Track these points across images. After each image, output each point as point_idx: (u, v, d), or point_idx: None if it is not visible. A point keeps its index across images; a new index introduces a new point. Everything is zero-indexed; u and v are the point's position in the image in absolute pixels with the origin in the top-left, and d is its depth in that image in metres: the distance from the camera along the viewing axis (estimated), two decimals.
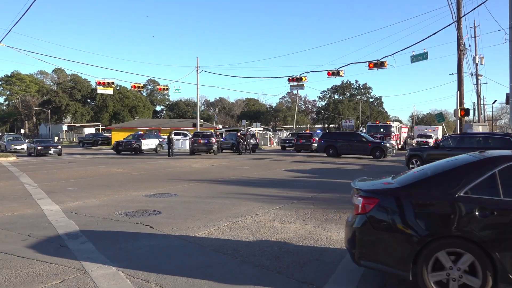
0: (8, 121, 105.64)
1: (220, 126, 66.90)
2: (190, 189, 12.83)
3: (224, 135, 44.16)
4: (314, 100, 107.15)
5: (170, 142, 31.46)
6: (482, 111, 49.08)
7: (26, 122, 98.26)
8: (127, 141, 35.64)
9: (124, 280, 4.90)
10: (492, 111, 61.65)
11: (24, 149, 38.51)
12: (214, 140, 32.47)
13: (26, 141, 43.30)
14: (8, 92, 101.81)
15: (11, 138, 42.35)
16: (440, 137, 46.11)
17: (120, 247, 6.30)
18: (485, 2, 18.07)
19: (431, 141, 40.47)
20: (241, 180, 15.03)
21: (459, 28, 22.64)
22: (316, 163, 23.22)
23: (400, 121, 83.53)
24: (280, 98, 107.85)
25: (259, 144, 45.00)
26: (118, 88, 79.70)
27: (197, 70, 41.23)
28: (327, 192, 11.89)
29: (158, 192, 12.07)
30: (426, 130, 50.21)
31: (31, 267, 5.36)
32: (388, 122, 42.71)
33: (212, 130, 39.44)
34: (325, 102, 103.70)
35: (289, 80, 32.35)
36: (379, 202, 4.34)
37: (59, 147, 34.16)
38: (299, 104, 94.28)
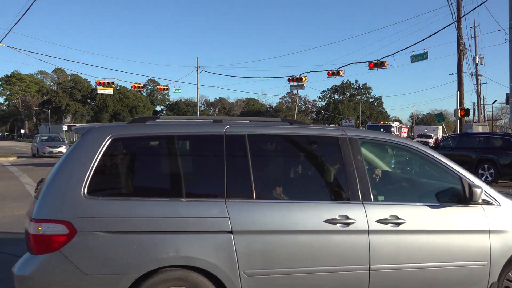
0: (8, 121, 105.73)
1: None
2: None
3: None
4: (314, 100, 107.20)
5: None
6: (482, 111, 49.08)
7: (26, 122, 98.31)
8: None
9: None
10: (492, 111, 61.52)
11: (63, 153, 27.25)
12: None
13: (66, 142, 34.38)
14: (8, 92, 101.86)
15: (45, 137, 31.88)
16: (440, 137, 46.15)
17: None
18: (485, 2, 18.09)
19: (431, 141, 40.51)
20: None
21: (459, 28, 22.62)
22: None
23: (400, 121, 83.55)
24: (280, 98, 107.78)
25: None
26: (118, 88, 79.75)
27: (197, 70, 41.26)
28: None
29: None
30: (426, 130, 50.25)
31: None
32: (386, 122, 42.68)
33: None
34: (325, 102, 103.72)
35: (289, 80, 32.32)
36: None
37: None
38: (299, 104, 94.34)
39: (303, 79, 31.71)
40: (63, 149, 29.02)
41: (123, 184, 3.29)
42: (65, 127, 76.95)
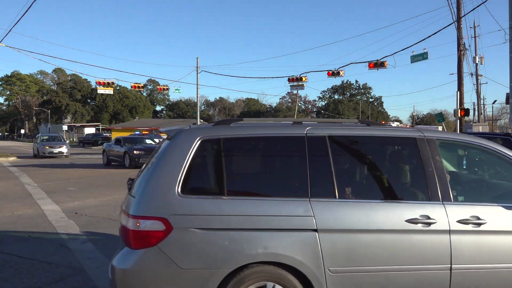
0: (8, 121, 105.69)
1: None
2: None
3: None
4: (314, 100, 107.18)
5: None
6: (482, 111, 49.04)
7: (26, 122, 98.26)
8: None
9: None
10: (492, 111, 61.31)
11: (63, 153, 28.32)
12: None
13: (67, 141, 33.65)
14: (8, 92, 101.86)
15: (46, 137, 31.02)
16: None
17: None
18: (485, 2, 18.08)
19: None
20: None
21: (459, 28, 22.60)
22: None
23: (400, 121, 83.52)
24: (280, 98, 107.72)
25: None
26: (118, 88, 79.70)
27: (197, 70, 41.21)
28: None
29: None
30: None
31: (31, 267, 5.36)
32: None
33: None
34: (325, 102, 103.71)
35: (289, 80, 32.26)
36: None
37: None
38: (299, 104, 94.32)
39: (303, 79, 31.65)
40: (63, 149, 28.53)
41: (213, 183, 3.45)
42: (65, 127, 76.94)
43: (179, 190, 3.18)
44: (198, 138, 3.34)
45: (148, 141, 22.86)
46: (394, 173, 3.77)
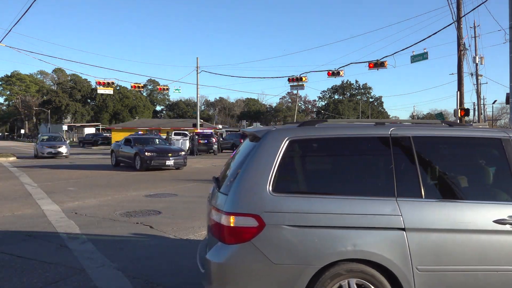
0: (8, 121, 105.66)
1: (220, 126, 66.88)
2: (190, 189, 12.85)
3: (224, 135, 44.39)
4: (314, 100, 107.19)
5: (193, 140, 32.69)
6: (482, 111, 48.97)
7: (26, 122, 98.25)
8: None
9: (124, 280, 4.90)
10: (492, 111, 61.30)
11: (63, 153, 27.70)
12: (214, 140, 32.68)
13: (67, 141, 32.65)
14: (8, 92, 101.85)
15: (45, 137, 29.90)
16: None
17: (120, 247, 6.30)
18: (485, 2, 18.06)
19: None
20: None
21: (459, 28, 22.59)
22: None
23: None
24: (280, 98, 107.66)
25: None
26: (118, 88, 79.69)
27: (197, 70, 41.20)
28: None
29: (158, 192, 12.08)
30: None
31: (31, 267, 5.36)
32: None
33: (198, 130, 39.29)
34: (325, 102, 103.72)
35: (289, 80, 32.27)
36: None
37: (182, 153, 19.89)
38: (299, 104, 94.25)
39: (303, 79, 31.66)
40: (63, 149, 28.00)
41: (301, 182, 3.54)
42: (65, 127, 76.88)
43: (270, 188, 3.29)
44: (287, 139, 3.45)
45: (158, 141, 21.92)
46: (479, 173, 3.76)
